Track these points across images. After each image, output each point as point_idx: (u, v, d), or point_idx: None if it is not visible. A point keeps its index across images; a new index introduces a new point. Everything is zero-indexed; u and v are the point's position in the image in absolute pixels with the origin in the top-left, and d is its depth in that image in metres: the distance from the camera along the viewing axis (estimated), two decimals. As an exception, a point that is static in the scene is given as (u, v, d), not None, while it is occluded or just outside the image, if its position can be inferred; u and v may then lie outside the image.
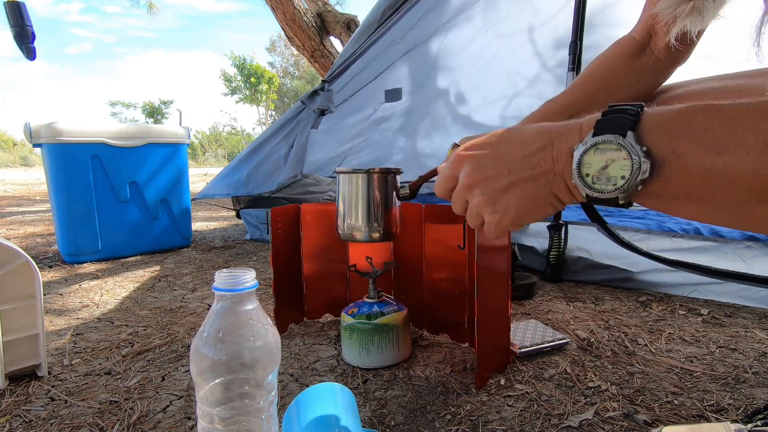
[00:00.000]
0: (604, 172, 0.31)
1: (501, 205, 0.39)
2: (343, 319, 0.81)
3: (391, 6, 2.01)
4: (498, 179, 0.38)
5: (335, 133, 2.36)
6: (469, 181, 0.40)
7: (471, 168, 0.40)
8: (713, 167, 0.26)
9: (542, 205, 0.38)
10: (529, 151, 0.36)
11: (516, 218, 0.39)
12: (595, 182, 0.32)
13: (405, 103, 2.36)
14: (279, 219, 0.90)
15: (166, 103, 29.91)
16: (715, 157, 0.26)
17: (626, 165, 0.30)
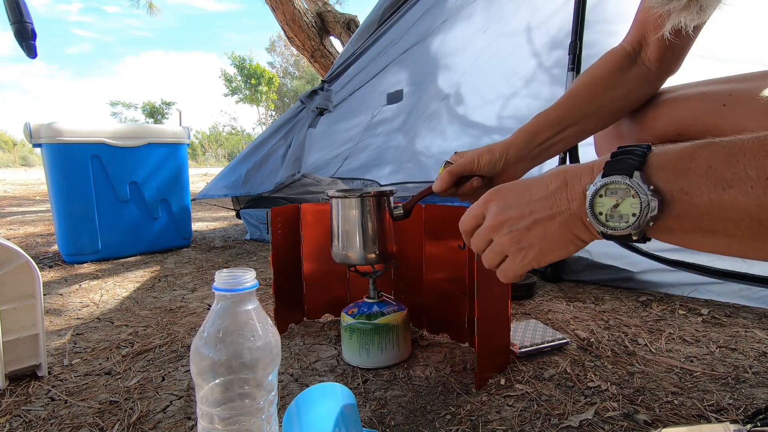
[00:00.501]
0: (616, 210, 0.33)
1: (525, 243, 0.42)
2: (343, 319, 0.81)
3: (391, 6, 2.02)
4: (522, 219, 0.41)
5: (335, 134, 2.36)
6: (496, 222, 0.43)
7: (498, 209, 0.43)
8: (719, 202, 0.28)
9: (563, 242, 0.40)
10: (546, 192, 0.40)
11: (540, 255, 0.42)
12: (608, 220, 0.34)
13: (404, 104, 2.36)
14: (279, 219, 0.90)
15: (166, 104, 29.92)
16: (720, 192, 0.28)
17: (635, 203, 0.32)
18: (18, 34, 1.19)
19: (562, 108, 0.68)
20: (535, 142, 0.67)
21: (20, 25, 1.18)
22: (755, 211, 0.27)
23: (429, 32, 2.12)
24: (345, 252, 0.78)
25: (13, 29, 1.19)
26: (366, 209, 0.76)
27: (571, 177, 0.38)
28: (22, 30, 1.18)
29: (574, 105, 0.68)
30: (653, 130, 0.64)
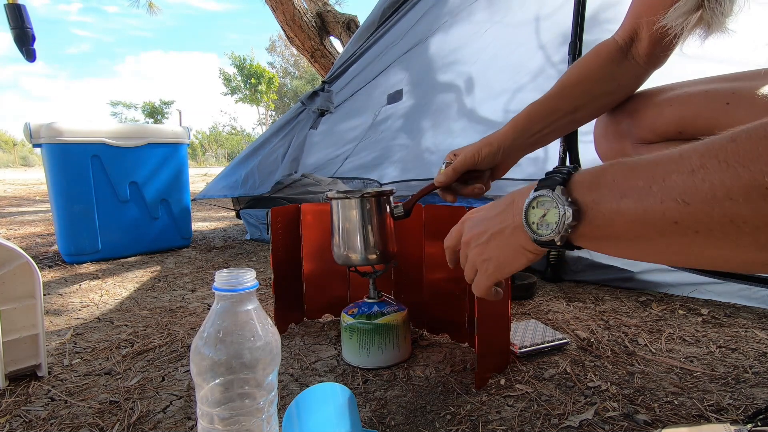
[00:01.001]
0: (544, 219, 0.38)
1: (486, 256, 0.47)
2: (343, 319, 0.81)
3: (391, 5, 2.01)
4: (483, 234, 0.47)
5: (336, 134, 2.36)
6: (466, 238, 0.50)
7: (467, 228, 0.51)
8: (619, 209, 0.32)
9: (514, 253, 0.45)
10: (499, 210, 0.46)
11: (498, 267, 0.47)
12: (538, 228, 0.39)
13: (407, 102, 2.36)
14: (279, 219, 0.90)
15: (166, 104, 29.92)
16: (619, 200, 0.32)
17: (556, 213, 0.37)
18: (18, 38, 1.19)
19: (555, 99, 0.70)
20: (531, 132, 0.70)
21: (20, 30, 1.18)
22: (641, 215, 0.30)
23: (432, 29, 2.11)
24: (345, 252, 0.78)
25: (13, 34, 1.19)
26: (366, 209, 0.76)
27: (518, 195, 0.43)
28: (22, 35, 1.18)
29: (567, 96, 0.69)
30: (655, 129, 0.64)
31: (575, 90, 0.69)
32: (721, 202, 0.26)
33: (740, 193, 0.25)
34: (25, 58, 1.22)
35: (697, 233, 0.28)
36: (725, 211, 0.26)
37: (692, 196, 0.27)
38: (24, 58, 1.22)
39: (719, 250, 0.28)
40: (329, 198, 0.79)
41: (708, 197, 0.26)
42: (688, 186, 0.27)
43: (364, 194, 0.76)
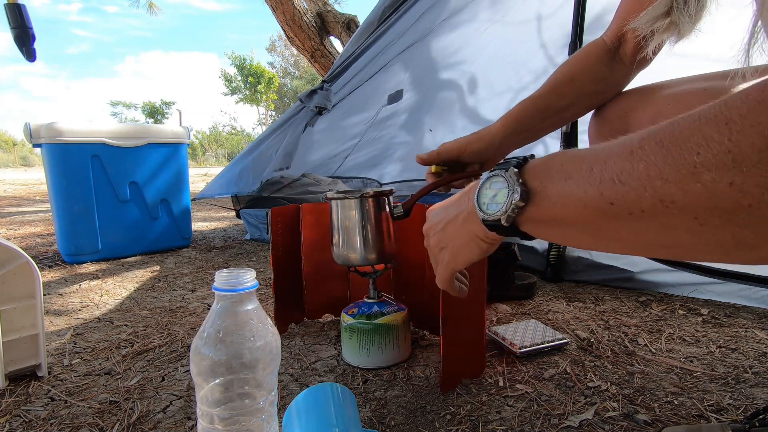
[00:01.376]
0: (495, 199, 0.39)
1: (443, 244, 0.48)
2: (343, 319, 0.81)
3: (391, 5, 2.01)
4: (440, 223, 0.48)
5: (336, 132, 2.36)
6: (426, 228, 0.51)
7: (429, 218, 0.52)
8: (563, 191, 0.33)
9: (466, 240, 0.45)
10: (456, 197, 0.46)
11: (452, 256, 0.47)
12: (488, 208, 0.39)
13: (408, 101, 2.35)
14: (279, 219, 0.90)
15: (166, 104, 29.92)
16: (563, 183, 0.33)
17: (505, 192, 0.37)
18: (18, 38, 1.19)
19: (546, 98, 0.72)
20: (521, 129, 0.72)
21: (20, 29, 1.18)
22: (583, 196, 0.31)
23: (433, 27, 2.11)
24: (345, 253, 0.78)
25: (13, 34, 1.19)
26: (365, 210, 0.76)
27: (475, 183, 0.43)
28: (23, 34, 1.18)
29: (558, 96, 0.71)
30: None
31: (566, 89, 0.70)
32: (653, 182, 0.26)
33: (670, 172, 0.25)
34: (25, 57, 1.22)
35: (631, 215, 0.28)
36: (656, 191, 0.26)
37: (628, 176, 0.27)
38: (24, 57, 1.22)
39: (652, 234, 0.28)
40: (328, 198, 0.79)
41: (642, 177, 0.26)
42: (626, 166, 0.28)
43: (364, 194, 0.76)
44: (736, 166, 0.22)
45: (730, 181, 0.22)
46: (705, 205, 0.24)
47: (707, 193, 0.23)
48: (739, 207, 0.23)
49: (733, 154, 0.22)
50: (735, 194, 0.22)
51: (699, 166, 0.23)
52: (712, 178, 0.23)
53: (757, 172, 0.22)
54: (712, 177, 0.23)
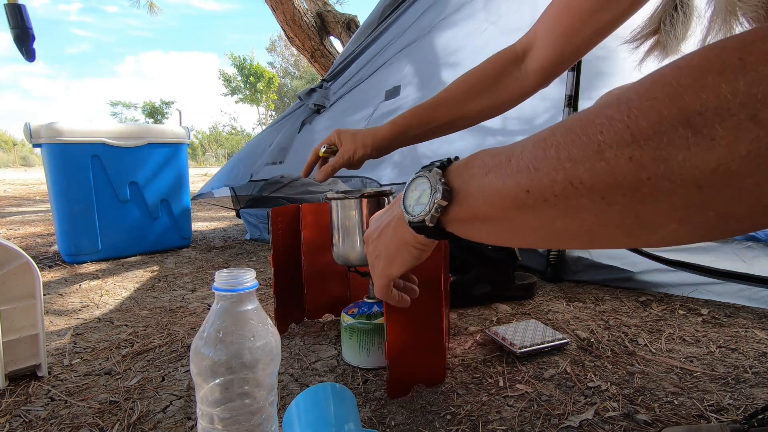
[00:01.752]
0: (419, 200, 0.39)
1: (377, 252, 0.47)
2: (343, 319, 0.81)
3: (391, 5, 2.02)
4: (376, 231, 0.47)
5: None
6: (365, 236, 0.50)
7: (369, 225, 0.51)
8: (483, 186, 0.33)
9: (398, 247, 0.45)
10: (390, 204, 0.47)
11: (386, 264, 0.46)
12: (413, 209, 0.39)
13: (405, 100, 2.36)
14: (279, 219, 0.90)
15: (166, 104, 29.91)
16: (484, 177, 0.33)
17: (428, 192, 0.38)
18: (18, 38, 1.19)
19: (433, 110, 0.75)
20: (408, 135, 0.77)
21: (20, 30, 1.18)
22: (501, 187, 0.31)
23: (430, 29, 2.11)
24: (345, 253, 0.78)
25: (13, 33, 1.20)
26: (365, 210, 0.76)
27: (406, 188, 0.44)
28: (22, 35, 1.19)
29: (446, 107, 0.74)
30: None
31: (456, 101, 0.73)
32: (563, 164, 0.26)
33: (578, 153, 0.26)
34: (24, 57, 1.22)
35: (545, 202, 0.28)
36: (566, 173, 0.26)
37: (541, 162, 0.28)
38: (24, 58, 1.22)
39: (565, 220, 0.28)
40: (328, 198, 0.79)
41: (553, 161, 0.27)
42: (539, 153, 0.28)
43: (364, 194, 0.76)
44: (634, 140, 0.23)
45: (630, 155, 0.23)
46: (610, 182, 0.25)
47: (610, 169, 0.24)
48: (639, 181, 0.24)
49: (631, 129, 0.23)
50: (634, 168, 0.23)
51: (602, 144, 0.24)
52: (614, 154, 0.24)
53: (653, 145, 0.23)
54: (614, 153, 0.24)
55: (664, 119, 0.22)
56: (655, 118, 0.22)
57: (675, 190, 0.23)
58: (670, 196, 0.23)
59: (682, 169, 0.22)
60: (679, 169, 0.22)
